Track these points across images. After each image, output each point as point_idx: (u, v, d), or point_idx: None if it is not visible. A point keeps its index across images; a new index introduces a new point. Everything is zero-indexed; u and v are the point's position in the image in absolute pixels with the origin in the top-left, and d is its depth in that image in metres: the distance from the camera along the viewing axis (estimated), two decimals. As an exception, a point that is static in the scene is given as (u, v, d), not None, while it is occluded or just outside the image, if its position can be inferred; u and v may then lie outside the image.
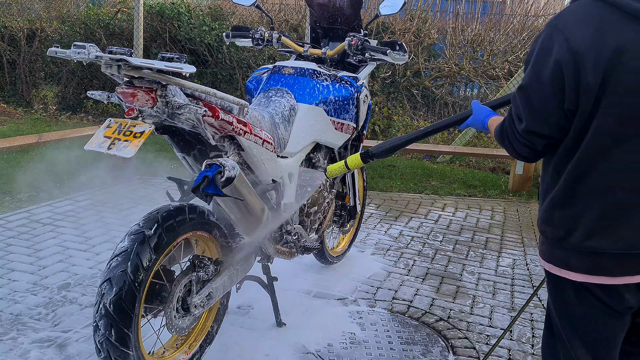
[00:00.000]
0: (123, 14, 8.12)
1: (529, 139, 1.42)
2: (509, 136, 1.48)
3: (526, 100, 1.39)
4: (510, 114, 1.48)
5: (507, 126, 1.48)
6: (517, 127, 1.43)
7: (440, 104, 7.81)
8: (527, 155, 1.48)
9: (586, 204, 1.38)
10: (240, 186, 2.04)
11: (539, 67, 1.36)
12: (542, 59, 1.35)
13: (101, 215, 4.10)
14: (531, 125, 1.40)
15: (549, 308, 1.59)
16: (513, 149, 1.49)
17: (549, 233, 1.47)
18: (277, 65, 2.78)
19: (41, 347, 2.42)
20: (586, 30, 1.30)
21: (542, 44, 1.37)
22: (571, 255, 1.43)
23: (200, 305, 2.13)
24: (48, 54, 1.71)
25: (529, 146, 1.44)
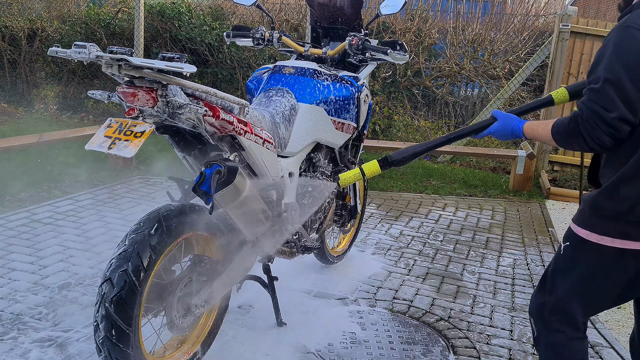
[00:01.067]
0: (124, 13, 8.13)
1: (618, 126, 1.55)
2: (588, 128, 1.58)
3: (619, 91, 1.53)
4: (589, 108, 1.58)
5: (586, 119, 1.58)
6: (606, 117, 1.55)
7: (440, 104, 7.81)
8: (608, 144, 1.59)
9: None
10: (241, 186, 2.04)
11: (624, 61, 1.53)
12: (627, 54, 1.53)
13: (102, 214, 4.10)
14: (624, 113, 1.54)
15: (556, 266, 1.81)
16: (592, 139, 1.59)
17: (608, 209, 1.65)
18: (278, 65, 2.78)
19: (42, 347, 2.42)
20: None
21: (622, 42, 1.54)
22: (629, 227, 1.62)
23: (201, 305, 2.13)
24: (49, 53, 1.71)
25: (613, 134, 1.57)
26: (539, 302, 1.86)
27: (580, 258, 1.75)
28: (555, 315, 1.81)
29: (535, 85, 7.37)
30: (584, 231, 1.72)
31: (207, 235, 2.17)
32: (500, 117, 1.95)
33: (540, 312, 1.85)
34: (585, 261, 1.74)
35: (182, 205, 2.03)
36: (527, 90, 7.45)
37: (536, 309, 1.87)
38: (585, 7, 14.50)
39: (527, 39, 7.56)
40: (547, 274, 1.86)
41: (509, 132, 1.92)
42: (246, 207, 2.12)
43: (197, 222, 2.06)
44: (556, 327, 1.81)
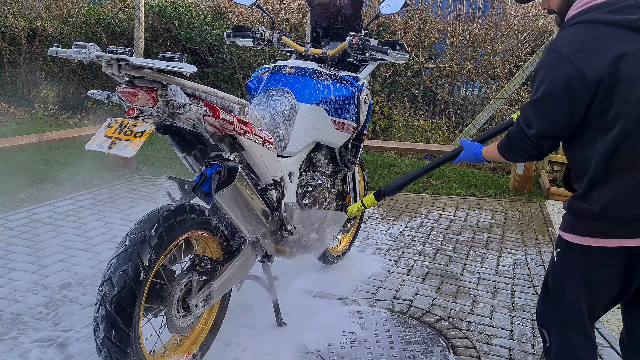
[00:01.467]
0: (124, 13, 8.13)
1: (538, 142, 1.72)
2: (517, 140, 1.77)
3: (541, 110, 1.67)
4: (517, 124, 1.77)
5: (515, 134, 1.78)
6: (527, 133, 1.72)
7: (441, 104, 7.81)
8: (537, 155, 1.77)
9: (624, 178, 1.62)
10: (241, 186, 2.04)
11: (550, 84, 1.62)
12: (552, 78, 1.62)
13: (102, 214, 4.10)
14: (542, 130, 1.68)
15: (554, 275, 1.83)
16: (521, 149, 1.78)
17: (584, 210, 1.70)
18: (278, 65, 2.78)
19: (42, 347, 2.42)
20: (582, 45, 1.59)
21: (547, 66, 1.64)
22: (608, 226, 1.67)
23: (201, 304, 2.14)
24: (49, 53, 1.71)
25: (536, 148, 1.74)
26: (549, 313, 1.86)
27: (571, 262, 1.79)
28: (570, 325, 1.82)
29: (536, 85, 7.36)
30: (569, 235, 1.77)
31: (207, 235, 2.17)
32: (465, 147, 2.16)
33: (552, 322, 1.85)
34: (576, 264, 1.77)
35: (182, 205, 2.03)
36: (527, 90, 7.45)
37: (548, 320, 1.87)
38: (586, 7, 14.48)
39: (527, 38, 7.56)
40: (549, 283, 1.87)
41: (473, 158, 2.12)
42: (246, 207, 2.13)
43: (197, 222, 2.06)
44: (570, 337, 1.81)
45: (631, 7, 1.58)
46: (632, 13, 1.57)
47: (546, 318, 1.88)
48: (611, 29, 1.58)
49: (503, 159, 1.94)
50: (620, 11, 1.58)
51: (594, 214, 1.68)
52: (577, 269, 1.77)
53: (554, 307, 1.85)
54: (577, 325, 1.81)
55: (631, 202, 1.64)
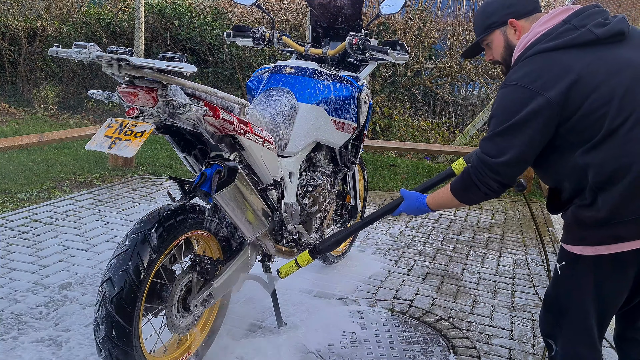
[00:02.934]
0: (124, 13, 8.13)
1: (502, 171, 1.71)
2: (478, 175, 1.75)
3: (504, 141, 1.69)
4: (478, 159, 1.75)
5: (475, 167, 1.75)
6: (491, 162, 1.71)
7: (441, 104, 7.81)
8: (497, 189, 1.75)
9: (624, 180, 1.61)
10: (241, 186, 2.04)
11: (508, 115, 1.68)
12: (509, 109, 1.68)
13: (102, 214, 4.10)
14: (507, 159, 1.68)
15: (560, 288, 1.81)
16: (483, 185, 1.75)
17: (591, 218, 1.67)
18: (278, 65, 2.78)
19: (42, 347, 2.42)
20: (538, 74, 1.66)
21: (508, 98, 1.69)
22: (620, 228, 1.64)
23: (201, 304, 2.14)
24: (49, 53, 1.71)
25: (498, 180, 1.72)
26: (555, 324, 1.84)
27: (582, 275, 1.75)
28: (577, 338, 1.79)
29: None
30: (577, 247, 1.74)
31: (207, 235, 2.17)
32: (406, 197, 2.11)
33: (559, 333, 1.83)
34: (586, 277, 1.74)
35: (182, 205, 2.03)
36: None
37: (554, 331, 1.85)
38: (586, 7, 14.47)
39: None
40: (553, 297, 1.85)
41: (416, 209, 2.06)
42: (246, 207, 2.12)
43: (197, 222, 2.06)
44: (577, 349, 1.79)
45: (568, 30, 1.68)
46: (571, 34, 1.67)
47: (552, 329, 1.86)
48: (558, 53, 1.67)
49: (454, 203, 1.90)
50: (559, 37, 1.68)
51: (603, 220, 1.66)
52: (588, 282, 1.74)
53: (559, 320, 1.82)
54: (585, 337, 1.78)
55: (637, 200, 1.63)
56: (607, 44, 1.67)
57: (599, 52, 1.66)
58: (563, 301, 1.81)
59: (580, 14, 1.71)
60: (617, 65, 1.63)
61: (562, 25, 1.71)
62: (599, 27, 1.67)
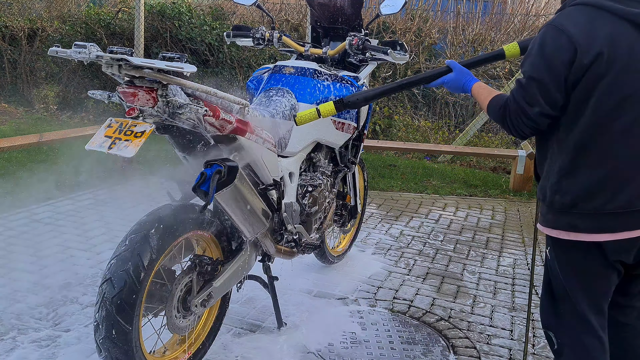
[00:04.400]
0: (124, 13, 8.13)
1: (539, 120, 1.67)
2: (513, 118, 1.71)
3: (541, 88, 1.63)
4: (515, 100, 1.69)
5: (513, 110, 1.70)
6: (529, 111, 1.66)
7: (441, 104, 7.80)
8: (529, 134, 1.73)
9: (589, 172, 1.64)
10: (241, 186, 2.04)
11: (547, 60, 1.61)
12: (551, 52, 1.61)
13: (102, 214, 4.10)
14: (546, 109, 1.64)
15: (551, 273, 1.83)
16: (515, 128, 1.72)
17: (556, 203, 1.70)
18: (278, 65, 2.78)
19: (42, 347, 2.42)
20: (583, 28, 1.59)
21: (546, 41, 1.63)
22: (577, 219, 1.67)
23: (201, 304, 2.13)
24: (49, 53, 1.71)
25: (534, 127, 1.69)
26: (553, 313, 1.84)
27: (558, 256, 1.78)
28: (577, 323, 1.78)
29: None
30: (547, 229, 1.77)
31: (207, 235, 2.17)
32: (456, 70, 2.00)
33: (560, 321, 1.82)
34: (563, 258, 1.77)
35: (182, 205, 2.02)
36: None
37: (553, 321, 1.85)
38: (586, 7, 14.48)
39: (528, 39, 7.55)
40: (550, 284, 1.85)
41: (460, 86, 1.97)
42: (246, 207, 2.12)
43: (197, 222, 2.06)
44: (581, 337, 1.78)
45: (633, 0, 1.60)
46: (634, 6, 1.59)
47: (551, 318, 1.85)
48: (610, 17, 1.59)
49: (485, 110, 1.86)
50: (623, 2, 1.60)
51: (566, 206, 1.68)
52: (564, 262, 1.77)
53: (555, 307, 1.83)
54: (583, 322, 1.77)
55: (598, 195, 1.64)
56: None
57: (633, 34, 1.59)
58: (554, 287, 1.82)
59: None
60: None
61: None
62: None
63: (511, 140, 7.22)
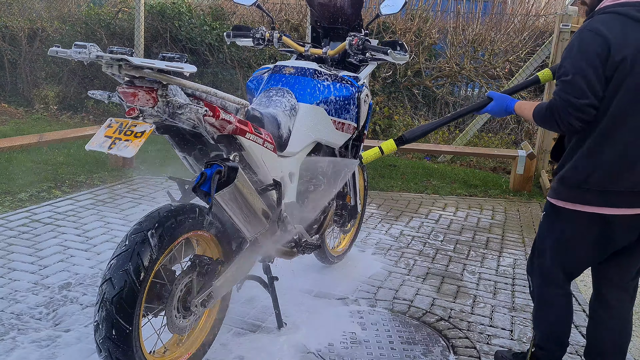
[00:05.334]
0: (124, 13, 8.13)
1: (587, 111, 1.90)
2: (561, 114, 1.93)
3: (587, 82, 1.88)
4: (561, 98, 1.93)
5: (560, 107, 1.93)
6: (577, 103, 1.89)
7: (441, 104, 7.80)
8: (577, 127, 1.95)
9: (605, 155, 1.94)
10: (241, 186, 2.04)
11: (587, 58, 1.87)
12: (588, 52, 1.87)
13: (102, 214, 4.10)
14: (593, 100, 1.89)
15: (538, 233, 2.23)
16: (564, 122, 1.94)
17: (572, 178, 2.01)
18: (278, 65, 2.78)
19: (42, 347, 2.42)
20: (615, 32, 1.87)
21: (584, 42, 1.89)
22: (586, 193, 1.99)
23: (201, 305, 2.13)
24: (49, 53, 1.71)
25: (582, 118, 1.92)
26: (534, 264, 2.27)
27: (554, 223, 2.13)
28: (545, 276, 2.21)
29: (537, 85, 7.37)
30: (553, 200, 2.11)
31: (207, 235, 2.17)
32: (496, 98, 2.33)
33: (534, 272, 2.27)
34: (558, 225, 2.12)
35: (182, 205, 2.02)
36: (527, 91, 7.45)
37: (531, 270, 2.30)
38: (586, 7, 14.47)
39: (527, 39, 7.56)
40: (536, 240, 2.26)
41: (503, 110, 2.30)
42: (246, 207, 2.12)
43: (197, 222, 2.06)
44: (545, 285, 2.21)
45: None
46: None
47: (530, 267, 2.32)
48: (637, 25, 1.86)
49: (531, 120, 2.10)
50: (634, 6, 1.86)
51: (579, 182, 1.99)
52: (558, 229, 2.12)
53: (534, 259, 2.26)
54: (551, 277, 2.18)
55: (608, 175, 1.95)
56: None
57: None
58: (538, 243, 2.23)
59: None
60: None
61: None
62: None
63: (511, 140, 7.22)
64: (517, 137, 7.29)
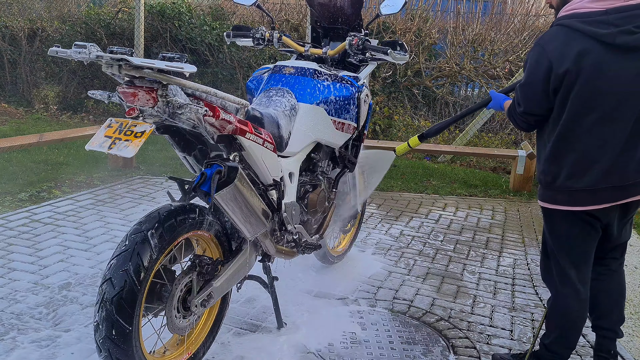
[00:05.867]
0: (124, 13, 8.13)
1: (525, 118, 2.16)
2: (512, 115, 2.22)
3: (528, 93, 2.10)
4: (513, 102, 2.21)
5: (511, 109, 2.22)
6: (518, 110, 2.16)
7: (441, 104, 7.80)
8: (525, 128, 2.22)
9: (566, 158, 2.08)
10: (241, 186, 2.04)
11: (532, 71, 2.07)
12: (534, 66, 2.06)
13: (102, 214, 4.10)
14: (528, 108, 2.12)
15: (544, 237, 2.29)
16: (514, 123, 2.23)
17: (543, 180, 2.18)
18: (278, 65, 2.78)
19: (42, 347, 2.42)
20: (558, 44, 2.01)
21: (532, 56, 2.07)
22: (557, 194, 2.15)
23: (201, 304, 2.13)
24: (49, 53, 1.71)
25: (524, 121, 2.18)
26: (547, 269, 2.31)
27: (548, 223, 2.25)
28: (558, 274, 2.24)
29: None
30: (539, 202, 2.24)
31: (207, 235, 2.17)
32: (494, 97, 2.56)
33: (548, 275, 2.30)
34: (550, 224, 2.24)
35: (182, 205, 2.02)
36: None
37: (546, 274, 2.32)
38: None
39: (527, 38, 7.56)
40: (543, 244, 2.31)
41: (498, 107, 2.53)
42: (246, 207, 2.12)
43: (197, 222, 2.06)
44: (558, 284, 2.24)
45: (602, 23, 1.95)
46: (602, 28, 1.94)
47: (544, 273, 2.34)
48: (581, 37, 1.97)
49: None
50: (592, 24, 1.96)
51: (548, 183, 2.14)
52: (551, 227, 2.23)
53: (547, 263, 2.30)
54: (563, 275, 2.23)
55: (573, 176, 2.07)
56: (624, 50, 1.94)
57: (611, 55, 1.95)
58: (547, 247, 2.29)
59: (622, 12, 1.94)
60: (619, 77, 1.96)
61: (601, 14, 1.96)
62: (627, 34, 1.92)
63: (511, 140, 7.22)
64: (517, 137, 7.29)
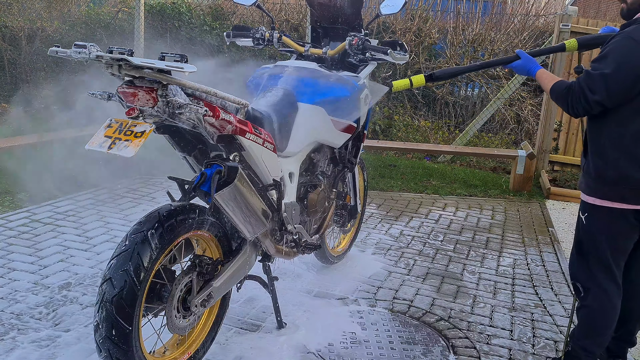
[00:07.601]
0: (124, 13, 8.12)
1: (594, 106, 2.07)
2: (574, 98, 2.10)
3: (606, 82, 2.02)
4: (580, 86, 2.08)
5: (576, 92, 2.10)
6: (589, 97, 2.06)
7: (440, 104, 7.80)
8: (582, 114, 2.13)
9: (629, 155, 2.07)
10: (241, 186, 2.04)
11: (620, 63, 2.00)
12: (626, 60, 2.00)
13: (102, 214, 4.10)
14: (603, 99, 2.04)
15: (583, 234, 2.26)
16: (572, 106, 2.12)
17: (609, 177, 2.12)
18: (278, 65, 2.78)
19: (42, 347, 2.42)
20: None
21: (623, 49, 2.02)
22: (627, 192, 2.10)
23: (201, 304, 2.13)
24: (49, 53, 1.71)
25: (588, 110, 2.10)
26: (583, 267, 2.27)
27: (598, 221, 2.20)
28: (603, 274, 2.23)
29: (536, 84, 7.37)
30: (593, 198, 2.19)
31: (207, 235, 2.17)
32: (523, 58, 2.42)
33: (587, 271, 2.26)
34: (602, 223, 2.19)
35: (182, 205, 2.02)
36: (527, 90, 7.45)
37: (582, 274, 2.29)
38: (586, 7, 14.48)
39: (527, 39, 7.56)
40: (582, 241, 2.28)
41: (525, 71, 2.40)
42: (246, 207, 2.12)
43: (197, 222, 2.06)
44: (604, 284, 2.23)
45: None
46: None
47: (579, 271, 2.30)
48: None
49: (546, 90, 2.24)
50: None
51: (619, 180, 2.09)
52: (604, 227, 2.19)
53: (585, 260, 2.26)
54: (607, 271, 2.22)
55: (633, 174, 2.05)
56: None
57: None
58: (584, 244, 2.26)
59: None
60: None
61: None
62: None
63: (511, 141, 7.22)
64: (517, 137, 7.29)
